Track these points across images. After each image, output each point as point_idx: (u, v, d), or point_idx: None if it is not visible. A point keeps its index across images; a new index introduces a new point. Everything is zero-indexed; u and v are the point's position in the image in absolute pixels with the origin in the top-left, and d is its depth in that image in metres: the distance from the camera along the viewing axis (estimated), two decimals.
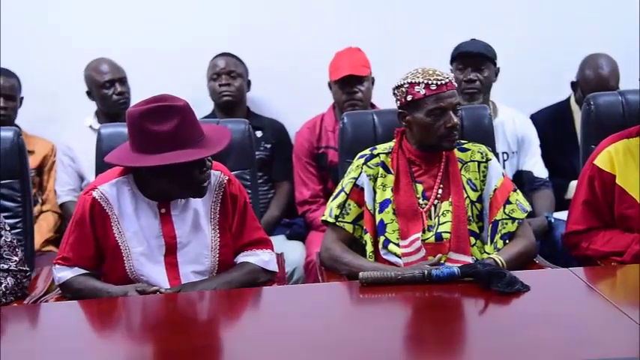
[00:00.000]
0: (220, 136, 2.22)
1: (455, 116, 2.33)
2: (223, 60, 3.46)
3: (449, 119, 2.32)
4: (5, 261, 2.23)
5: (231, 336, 1.94)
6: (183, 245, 2.25)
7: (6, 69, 3.36)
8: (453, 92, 2.34)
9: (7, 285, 2.21)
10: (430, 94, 2.32)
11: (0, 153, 2.54)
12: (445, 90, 2.32)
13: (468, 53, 3.20)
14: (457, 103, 2.35)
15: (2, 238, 2.23)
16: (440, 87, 2.32)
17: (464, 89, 3.17)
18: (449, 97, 2.33)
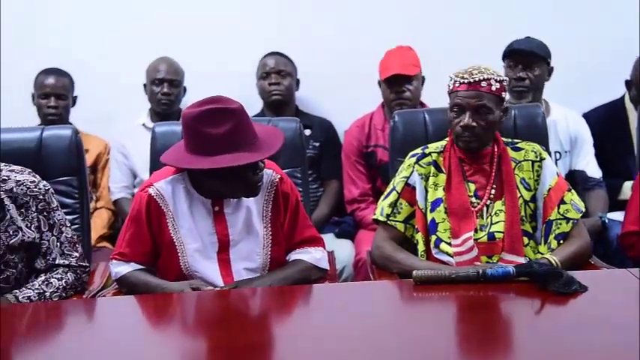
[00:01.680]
0: (273, 138, 2.24)
1: (470, 118, 2.31)
2: (273, 59, 3.50)
3: (462, 118, 2.31)
4: (66, 257, 2.28)
5: (283, 333, 1.95)
6: (236, 243, 2.28)
7: (58, 68, 3.44)
8: (476, 93, 2.31)
9: (68, 280, 2.26)
10: (454, 90, 2.34)
11: (58, 151, 2.58)
12: (467, 89, 2.31)
13: (519, 51, 3.17)
14: (480, 105, 2.31)
15: (63, 235, 2.28)
16: (462, 85, 2.32)
17: (513, 87, 3.14)
18: (469, 97, 2.31)
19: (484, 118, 2.32)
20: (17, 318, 2.07)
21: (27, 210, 2.21)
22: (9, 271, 2.20)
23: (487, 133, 2.35)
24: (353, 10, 3.69)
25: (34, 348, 1.84)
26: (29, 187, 2.22)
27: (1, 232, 2.17)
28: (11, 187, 2.19)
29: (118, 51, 3.63)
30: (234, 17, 3.67)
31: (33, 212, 2.22)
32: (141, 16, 3.64)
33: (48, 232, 2.26)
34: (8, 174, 2.21)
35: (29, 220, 2.22)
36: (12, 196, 2.19)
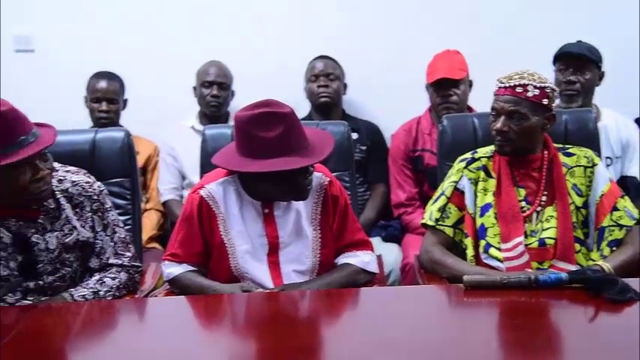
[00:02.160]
0: (324, 142, 2.25)
1: (503, 122, 2.30)
2: (322, 62, 3.52)
3: (497, 123, 2.31)
4: (119, 257, 2.33)
5: (332, 336, 1.96)
6: (286, 245, 2.29)
7: (109, 72, 3.50)
8: (511, 98, 2.29)
9: (121, 280, 2.30)
10: (495, 93, 2.34)
11: (111, 152, 2.64)
12: (504, 93, 2.30)
13: (570, 54, 3.14)
14: (513, 110, 2.29)
15: (117, 235, 2.33)
16: (500, 89, 2.32)
17: (563, 90, 3.11)
18: (504, 102, 2.31)
19: (517, 124, 2.30)
20: (72, 316, 2.12)
21: (82, 210, 2.26)
22: (65, 270, 2.25)
23: (522, 138, 2.33)
24: (401, 14, 3.69)
25: (88, 346, 1.88)
26: (84, 187, 2.27)
27: (57, 231, 2.22)
28: (67, 187, 2.24)
29: (168, 54, 3.69)
30: (282, 21, 3.70)
31: (87, 212, 2.27)
32: (191, 19, 3.69)
33: (102, 232, 2.30)
34: (64, 174, 2.26)
35: (84, 219, 2.27)
36: (68, 196, 2.24)
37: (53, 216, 2.22)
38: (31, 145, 2.06)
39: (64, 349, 1.88)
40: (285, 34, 3.69)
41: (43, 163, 2.12)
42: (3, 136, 2.03)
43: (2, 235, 2.18)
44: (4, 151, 2.03)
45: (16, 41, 3.62)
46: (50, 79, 3.63)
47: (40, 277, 2.21)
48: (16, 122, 2.05)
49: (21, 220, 2.20)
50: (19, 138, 2.05)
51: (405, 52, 3.64)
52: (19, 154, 2.03)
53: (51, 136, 2.13)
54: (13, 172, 2.06)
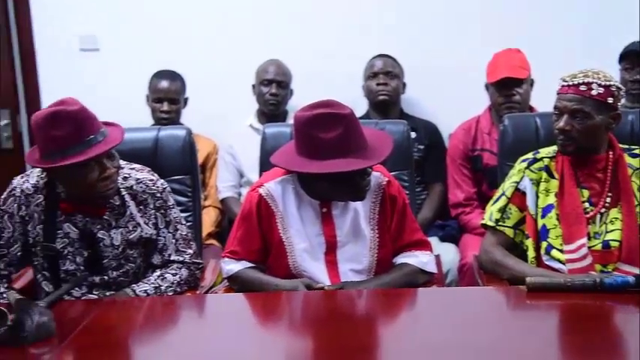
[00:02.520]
0: (383, 143, 2.25)
1: (566, 121, 2.25)
2: (381, 60, 3.51)
3: (560, 121, 2.27)
4: (181, 253, 2.36)
5: (389, 336, 1.96)
6: (343, 244, 2.30)
7: (171, 71, 3.54)
8: (574, 97, 2.25)
9: (182, 276, 2.34)
10: (558, 92, 2.30)
11: (173, 150, 2.68)
12: (567, 92, 2.26)
13: (636, 53, 3.06)
14: (577, 109, 2.24)
15: (178, 232, 2.36)
16: (564, 87, 2.28)
17: (629, 90, 3.05)
18: (567, 100, 2.26)
19: (581, 123, 2.26)
20: (135, 311, 2.17)
21: (145, 207, 2.30)
22: (128, 266, 2.30)
23: (585, 138, 2.28)
24: (462, 12, 3.65)
25: (149, 341, 1.93)
26: (148, 185, 2.31)
27: (122, 228, 2.27)
28: (131, 184, 2.29)
29: (228, 52, 3.71)
30: (342, 20, 3.69)
31: (151, 209, 2.31)
32: (252, 18, 3.71)
33: (164, 229, 2.34)
34: (129, 172, 2.31)
35: (147, 216, 2.31)
36: (132, 193, 2.29)
37: (118, 212, 2.27)
38: (99, 144, 2.11)
39: (127, 344, 1.92)
40: (345, 33, 3.68)
41: (110, 162, 2.17)
42: (73, 136, 2.08)
43: (70, 231, 2.25)
44: (74, 150, 2.08)
45: (82, 41, 3.70)
46: (114, 77, 3.70)
47: (105, 272, 2.27)
48: (85, 122, 2.10)
49: (87, 217, 2.25)
50: (88, 137, 2.10)
51: (464, 50, 3.60)
52: (88, 153, 2.08)
53: (118, 136, 2.18)
54: (82, 171, 2.12)
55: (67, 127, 2.06)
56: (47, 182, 2.25)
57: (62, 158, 2.07)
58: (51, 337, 1.81)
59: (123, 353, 1.88)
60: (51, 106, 2.11)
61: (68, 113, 2.07)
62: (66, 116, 2.07)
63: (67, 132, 2.07)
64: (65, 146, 2.07)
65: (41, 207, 2.24)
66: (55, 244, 2.24)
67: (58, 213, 2.25)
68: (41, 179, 2.25)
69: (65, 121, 2.07)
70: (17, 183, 2.27)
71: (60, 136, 2.07)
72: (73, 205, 2.24)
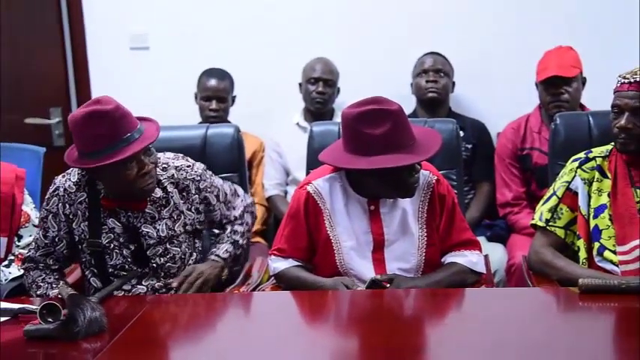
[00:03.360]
0: (431, 140, 2.23)
1: (627, 119, 2.20)
2: (432, 58, 3.49)
3: (620, 120, 2.22)
4: (234, 209, 2.49)
5: (436, 336, 1.94)
6: (391, 242, 2.28)
7: (220, 69, 3.56)
8: (636, 94, 2.20)
9: (247, 221, 2.53)
10: (616, 90, 2.25)
11: (221, 148, 2.70)
12: (627, 89, 2.21)
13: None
14: (639, 106, 2.19)
15: (227, 196, 2.45)
16: (623, 85, 2.23)
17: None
18: (627, 98, 2.21)
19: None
20: (183, 308, 2.19)
21: (188, 193, 2.33)
22: (174, 250, 2.32)
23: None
24: (510, 10, 3.61)
25: (196, 337, 1.94)
26: (187, 171, 2.33)
27: (166, 218, 2.30)
28: (172, 173, 2.31)
29: (275, 50, 3.73)
30: (389, 18, 3.68)
31: (193, 194, 2.33)
32: (300, 16, 3.71)
33: (217, 204, 2.39)
34: (166, 161, 2.33)
35: (190, 202, 2.33)
36: (174, 181, 2.31)
37: (160, 204, 2.29)
38: (136, 141, 2.13)
39: (175, 340, 1.94)
40: (392, 31, 3.66)
41: (148, 158, 2.19)
42: (109, 135, 2.10)
43: (114, 226, 2.28)
44: (111, 150, 2.10)
45: (132, 39, 3.75)
46: (163, 75, 3.74)
47: (152, 260, 2.30)
48: (121, 120, 2.12)
49: (129, 212, 2.28)
50: (125, 135, 2.12)
51: (514, 48, 3.56)
52: (125, 152, 2.10)
53: (154, 132, 2.20)
54: (121, 169, 2.14)
55: (104, 126, 2.08)
56: (88, 179, 2.28)
57: (100, 158, 2.10)
58: (102, 333, 1.84)
59: (172, 349, 1.90)
60: (87, 106, 2.13)
61: (104, 112, 2.09)
62: (102, 115, 2.09)
63: (104, 131, 2.09)
64: (102, 145, 2.10)
65: (84, 204, 2.27)
66: (100, 240, 2.27)
67: (101, 209, 2.28)
68: (82, 177, 2.29)
69: (101, 121, 2.09)
70: (60, 182, 2.31)
71: (97, 135, 2.09)
72: (114, 201, 2.27)
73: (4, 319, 1.98)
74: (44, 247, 2.31)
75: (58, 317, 1.83)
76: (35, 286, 2.29)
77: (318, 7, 3.71)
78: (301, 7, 3.72)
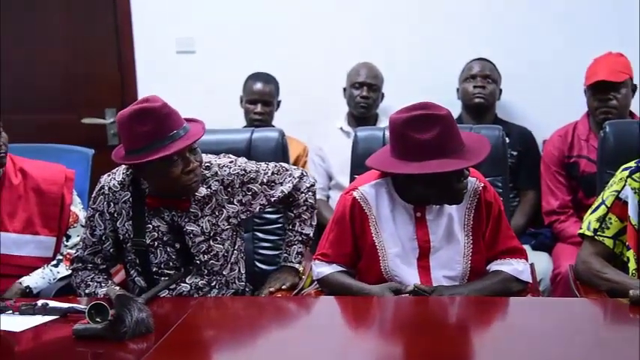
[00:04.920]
0: (480, 145, 2.21)
1: None
2: (480, 63, 3.48)
3: None
4: (286, 182, 2.44)
5: (480, 344, 1.93)
6: (436, 250, 2.27)
7: (266, 73, 3.58)
8: None
9: (306, 193, 2.50)
10: None
11: (266, 151, 2.70)
12: None
13: None
14: None
15: (273, 177, 2.42)
16: None
17: None
18: None
19: None
20: (227, 310, 2.22)
21: (232, 188, 2.34)
22: (217, 248, 2.34)
23: None
24: (559, 18, 3.58)
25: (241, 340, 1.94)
26: (230, 166, 2.34)
27: (208, 216, 2.31)
28: (215, 171, 2.33)
29: (320, 54, 3.75)
30: (436, 23, 3.67)
31: (237, 188, 2.35)
32: (344, 20, 3.72)
33: (266, 189, 2.39)
34: (209, 159, 2.35)
35: (233, 195, 2.34)
36: (218, 179, 2.32)
37: (204, 202, 2.31)
38: (181, 138, 2.15)
39: (220, 343, 1.95)
40: (438, 36, 3.66)
41: (193, 156, 2.21)
42: (156, 131, 2.13)
43: (159, 224, 2.30)
44: (157, 146, 2.13)
45: (179, 43, 3.80)
46: (208, 79, 3.78)
47: (196, 257, 2.31)
48: (168, 117, 2.15)
49: (173, 210, 2.30)
50: (171, 132, 2.14)
51: (562, 56, 3.53)
52: (171, 148, 2.13)
53: (200, 130, 2.22)
54: (166, 165, 2.16)
55: (151, 123, 2.11)
56: (133, 179, 2.30)
57: (146, 154, 2.12)
58: (149, 334, 1.85)
59: (216, 353, 1.91)
60: (135, 104, 2.17)
61: (151, 110, 2.12)
62: (149, 113, 2.12)
63: (151, 128, 2.11)
64: (149, 142, 2.12)
65: (129, 203, 2.30)
66: (144, 239, 2.29)
67: (145, 208, 2.30)
68: (127, 176, 2.31)
69: (149, 118, 2.12)
70: (105, 181, 2.33)
71: (144, 132, 2.12)
72: (158, 200, 2.29)
73: (53, 318, 2.01)
74: (92, 245, 2.34)
75: (106, 317, 1.85)
76: (84, 285, 2.32)
77: (363, 12, 3.72)
78: (347, 12, 3.72)
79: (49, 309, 2.03)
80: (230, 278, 2.38)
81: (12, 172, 2.54)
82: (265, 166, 2.42)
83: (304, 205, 2.48)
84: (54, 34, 3.90)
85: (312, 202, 2.50)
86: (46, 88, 3.94)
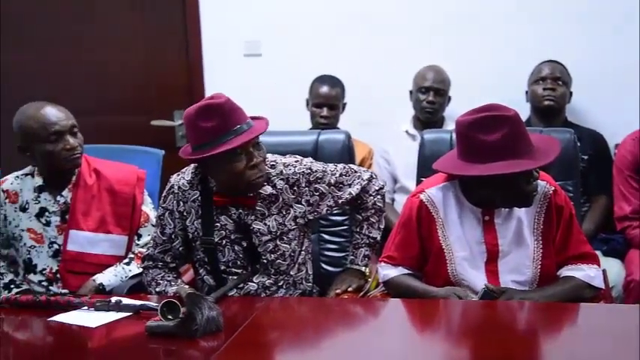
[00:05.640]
0: (549, 147, 2.17)
1: None
2: (550, 65, 3.42)
3: None
4: (355, 184, 2.43)
5: (549, 351, 1.89)
6: (505, 254, 2.24)
7: (332, 76, 3.59)
8: None
9: (374, 196, 2.48)
10: None
11: (332, 153, 2.70)
12: None
13: None
14: None
15: (341, 177, 2.41)
16: None
17: None
18: None
19: None
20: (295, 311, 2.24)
21: (299, 187, 2.35)
22: (284, 247, 2.35)
23: None
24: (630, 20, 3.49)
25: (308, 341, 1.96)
26: (295, 165, 2.35)
27: (275, 215, 2.33)
28: (280, 169, 2.34)
29: (386, 57, 3.73)
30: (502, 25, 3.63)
31: (303, 187, 2.35)
32: (410, 23, 3.71)
33: (334, 190, 2.39)
34: (274, 158, 2.37)
35: (300, 195, 2.35)
36: (284, 177, 2.34)
37: (270, 201, 2.32)
38: (245, 132, 2.18)
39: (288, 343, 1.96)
40: (505, 38, 3.61)
41: (257, 151, 2.23)
42: (220, 126, 2.16)
43: (226, 223, 2.32)
44: (222, 140, 2.16)
45: (247, 46, 3.84)
46: (275, 81, 3.81)
47: (263, 256, 2.33)
48: (232, 112, 2.18)
49: (240, 209, 2.32)
50: (235, 127, 2.17)
51: (634, 58, 3.44)
52: (234, 142, 2.16)
53: (263, 125, 2.25)
54: (230, 159, 2.19)
55: (215, 118, 2.15)
56: (201, 178, 2.34)
57: (210, 148, 2.16)
58: (219, 332, 1.88)
59: (284, 353, 1.92)
60: (200, 102, 2.21)
61: (216, 105, 2.16)
62: (214, 108, 2.16)
63: (215, 123, 2.15)
64: (214, 137, 2.16)
65: (197, 202, 2.33)
66: (212, 237, 2.32)
67: (213, 207, 2.33)
68: (195, 175, 2.35)
69: (213, 113, 2.16)
70: (174, 180, 2.38)
71: (208, 127, 2.16)
72: (225, 198, 2.32)
73: (126, 315, 2.07)
74: (162, 244, 2.39)
75: (177, 315, 1.88)
76: (154, 283, 2.37)
77: (429, 14, 3.70)
78: (413, 14, 3.71)
79: (122, 306, 2.08)
80: (297, 279, 2.39)
81: (87, 172, 2.62)
82: (333, 168, 2.42)
83: (372, 208, 2.46)
84: (125, 39, 3.99)
85: (381, 206, 2.48)
86: (117, 91, 4.03)
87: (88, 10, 3.97)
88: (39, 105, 2.53)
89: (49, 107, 2.52)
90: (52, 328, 2.05)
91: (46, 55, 4.01)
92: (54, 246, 2.57)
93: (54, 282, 2.56)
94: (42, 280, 2.58)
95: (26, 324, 2.13)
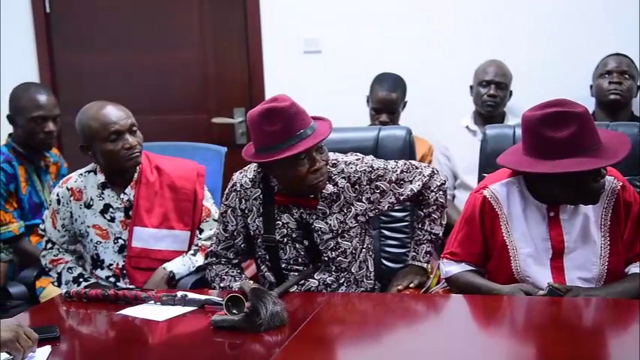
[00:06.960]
0: (618, 144, 2.12)
1: None
2: (617, 59, 3.35)
3: None
4: (418, 179, 2.42)
5: (616, 348, 1.86)
6: (571, 250, 2.20)
7: (393, 77, 3.54)
8: None
9: (437, 187, 2.46)
10: None
11: (393, 149, 2.69)
12: None
13: None
14: None
15: (402, 174, 2.40)
16: None
17: None
18: None
19: None
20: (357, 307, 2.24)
21: (360, 186, 2.35)
22: (345, 245, 2.35)
23: None
24: None
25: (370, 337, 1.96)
26: (357, 164, 2.35)
27: (337, 213, 2.33)
28: (342, 168, 2.34)
29: (445, 52, 3.70)
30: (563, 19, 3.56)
31: (365, 185, 2.35)
32: (468, 18, 3.67)
33: (395, 187, 2.38)
34: (336, 157, 2.37)
35: (361, 193, 2.35)
36: (345, 176, 2.34)
37: (331, 199, 2.33)
38: (309, 137, 2.19)
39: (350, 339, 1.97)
40: (568, 31, 3.55)
41: (320, 155, 2.24)
42: (284, 130, 2.17)
43: (288, 221, 2.34)
44: (285, 145, 2.17)
45: (306, 43, 3.85)
46: (334, 78, 3.81)
47: (324, 254, 2.34)
48: (296, 117, 2.18)
49: (302, 208, 2.33)
50: (298, 132, 2.18)
51: None
52: (298, 147, 2.16)
53: (326, 129, 2.24)
54: (293, 164, 2.20)
55: (279, 122, 2.15)
56: (263, 176, 2.35)
57: (274, 152, 2.16)
58: (283, 327, 1.90)
59: (347, 347, 1.93)
60: (264, 104, 2.21)
61: (280, 109, 2.16)
62: (278, 112, 2.16)
63: (279, 127, 2.16)
64: (277, 141, 2.16)
65: (259, 200, 2.35)
66: (274, 235, 2.34)
67: (274, 205, 2.34)
68: (257, 174, 2.36)
69: (277, 117, 2.16)
70: (237, 178, 2.40)
71: (272, 131, 2.16)
72: (286, 198, 2.33)
73: (191, 309, 2.10)
74: (224, 240, 2.42)
75: (242, 309, 1.90)
76: (218, 279, 2.40)
77: (489, 9, 3.65)
78: (472, 9, 3.67)
79: (187, 300, 2.11)
80: (358, 276, 2.39)
81: (148, 169, 2.66)
82: (394, 164, 2.41)
83: (434, 204, 2.45)
84: (186, 38, 4.04)
85: (443, 202, 2.46)
86: (178, 89, 4.09)
87: (148, 10, 4.04)
88: (100, 105, 2.56)
89: (110, 107, 2.55)
90: (119, 321, 2.09)
91: (110, 55, 4.09)
92: (119, 241, 2.62)
93: (121, 278, 2.62)
94: (109, 276, 2.63)
95: (94, 317, 2.18)
